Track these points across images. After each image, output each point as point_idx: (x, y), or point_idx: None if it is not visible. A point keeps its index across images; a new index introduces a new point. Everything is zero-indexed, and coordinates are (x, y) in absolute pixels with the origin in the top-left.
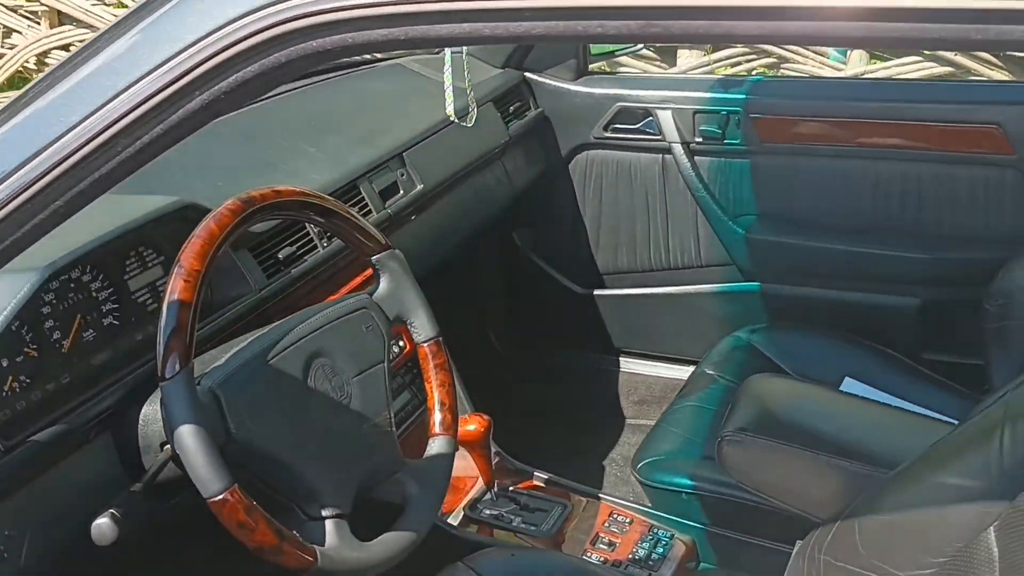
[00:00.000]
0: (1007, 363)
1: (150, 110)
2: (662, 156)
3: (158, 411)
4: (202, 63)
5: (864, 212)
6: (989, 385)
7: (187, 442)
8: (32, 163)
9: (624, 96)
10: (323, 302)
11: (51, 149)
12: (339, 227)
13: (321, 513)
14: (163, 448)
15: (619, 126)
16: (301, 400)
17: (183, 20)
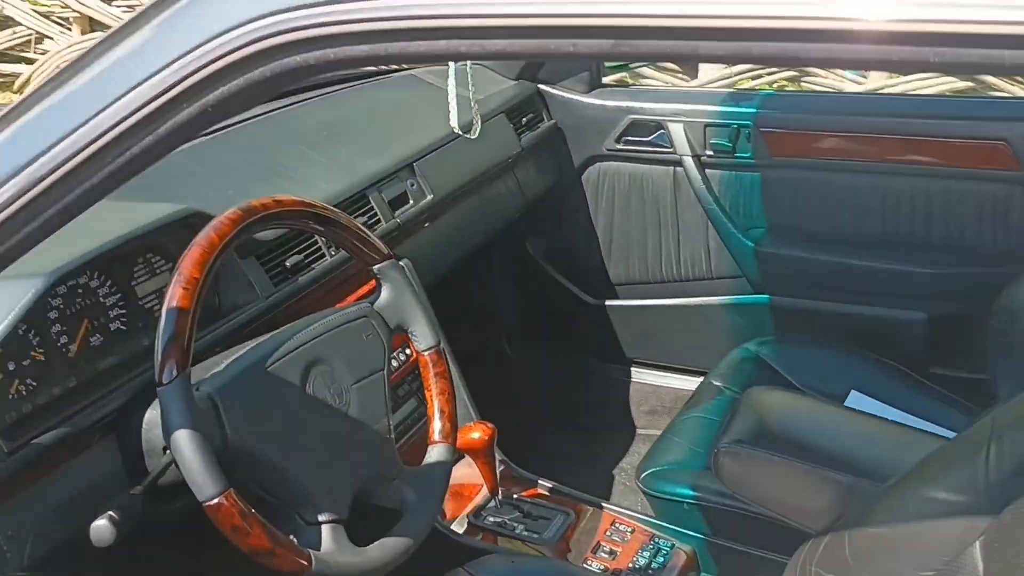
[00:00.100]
0: (1012, 377)
1: (139, 122)
2: (673, 168)
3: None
4: (188, 76)
5: (872, 226)
6: (995, 399)
7: (182, 446)
8: (23, 174)
9: (636, 109)
10: (324, 310)
11: (41, 160)
12: (340, 236)
13: (317, 518)
14: (165, 452)
15: (631, 138)
16: (299, 407)
17: (170, 35)
